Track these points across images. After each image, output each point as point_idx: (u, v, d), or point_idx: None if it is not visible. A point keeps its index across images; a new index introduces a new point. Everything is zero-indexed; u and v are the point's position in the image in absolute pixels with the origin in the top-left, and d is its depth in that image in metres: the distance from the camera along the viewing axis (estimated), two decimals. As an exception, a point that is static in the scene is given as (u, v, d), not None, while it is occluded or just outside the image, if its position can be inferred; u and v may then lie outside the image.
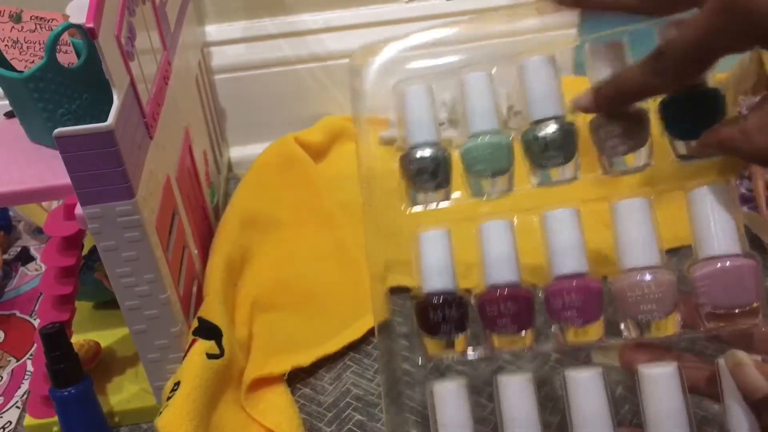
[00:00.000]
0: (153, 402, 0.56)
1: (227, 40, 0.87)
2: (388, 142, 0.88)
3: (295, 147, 0.82)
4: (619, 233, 0.44)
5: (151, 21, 0.57)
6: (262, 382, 0.58)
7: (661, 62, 0.38)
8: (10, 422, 0.59)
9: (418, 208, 0.49)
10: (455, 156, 0.48)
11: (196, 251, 0.64)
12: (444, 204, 0.48)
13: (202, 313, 0.58)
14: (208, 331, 0.56)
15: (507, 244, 0.47)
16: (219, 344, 0.56)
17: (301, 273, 0.70)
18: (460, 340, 0.48)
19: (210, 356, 0.54)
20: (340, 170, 0.85)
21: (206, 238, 0.69)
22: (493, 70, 0.48)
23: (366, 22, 0.88)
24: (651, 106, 0.44)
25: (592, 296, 0.44)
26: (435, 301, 0.47)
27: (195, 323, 0.57)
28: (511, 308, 0.46)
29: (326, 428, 0.55)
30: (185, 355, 0.54)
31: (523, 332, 0.47)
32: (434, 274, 0.48)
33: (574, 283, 0.44)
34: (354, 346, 0.62)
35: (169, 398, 0.51)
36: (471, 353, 0.48)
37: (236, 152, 0.91)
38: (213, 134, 0.82)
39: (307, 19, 0.88)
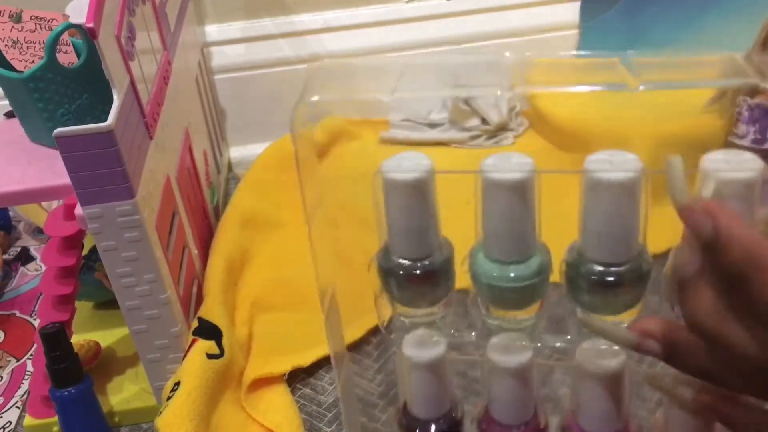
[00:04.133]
0: (153, 402, 0.56)
1: (227, 40, 0.87)
2: (388, 141, 0.88)
3: (295, 147, 0.82)
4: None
5: (151, 21, 0.57)
6: (262, 382, 0.57)
7: None
8: (10, 422, 0.59)
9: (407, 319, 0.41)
10: (460, 266, 0.39)
11: (196, 251, 0.64)
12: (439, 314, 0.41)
13: (202, 313, 0.58)
14: (208, 331, 0.56)
15: (522, 388, 0.40)
16: (219, 344, 0.56)
17: (301, 273, 0.70)
18: None
19: (210, 356, 0.54)
20: (340, 170, 0.84)
21: (206, 238, 0.69)
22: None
23: (366, 22, 0.88)
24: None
25: None
26: (428, 430, 0.42)
27: (195, 323, 0.57)
28: None
29: (326, 428, 0.55)
30: (185, 355, 0.54)
31: None
32: (428, 402, 0.42)
33: None
34: (354, 346, 0.62)
35: (169, 398, 0.51)
36: None
37: (236, 152, 0.91)
38: (213, 134, 0.82)
39: (307, 19, 0.88)
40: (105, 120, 0.44)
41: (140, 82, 0.51)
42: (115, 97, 0.46)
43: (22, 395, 0.61)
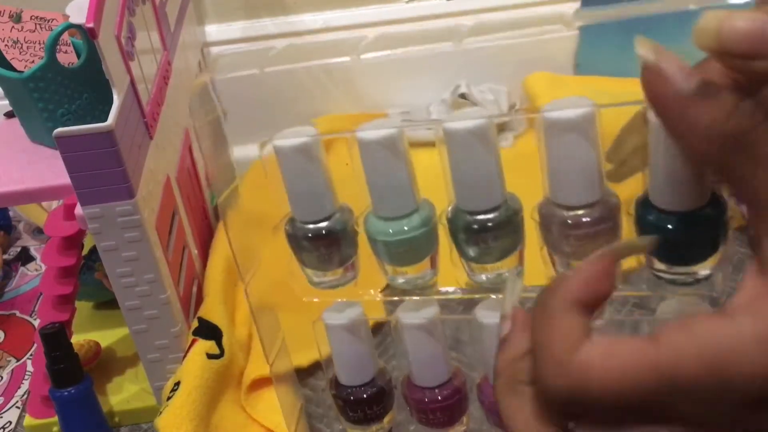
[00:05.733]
0: (153, 402, 0.56)
1: (227, 40, 0.87)
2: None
3: (295, 147, 0.82)
4: None
5: (151, 21, 0.57)
6: (262, 382, 0.57)
7: None
8: (10, 422, 0.59)
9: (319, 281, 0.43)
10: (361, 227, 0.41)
11: (196, 251, 0.64)
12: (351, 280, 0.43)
13: (202, 313, 0.58)
14: (208, 331, 0.56)
15: (434, 345, 0.43)
16: (219, 344, 0.56)
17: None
18: (384, 420, 0.47)
19: (210, 356, 0.54)
20: (339, 170, 0.84)
21: (206, 238, 0.69)
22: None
23: (366, 22, 0.88)
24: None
25: None
26: (355, 398, 0.45)
27: (195, 323, 0.57)
28: (440, 415, 0.44)
29: (326, 428, 0.55)
30: (185, 355, 0.54)
31: (456, 423, 0.46)
32: (350, 369, 0.45)
33: None
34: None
35: (169, 398, 0.51)
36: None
37: (236, 152, 0.91)
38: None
39: (307, 19, 0.88)
40: (105, 120, 0.44)
41: (140, 82, 0.51)
42: (115, 97, 0.46)
43: (22, 395, 0.61)
